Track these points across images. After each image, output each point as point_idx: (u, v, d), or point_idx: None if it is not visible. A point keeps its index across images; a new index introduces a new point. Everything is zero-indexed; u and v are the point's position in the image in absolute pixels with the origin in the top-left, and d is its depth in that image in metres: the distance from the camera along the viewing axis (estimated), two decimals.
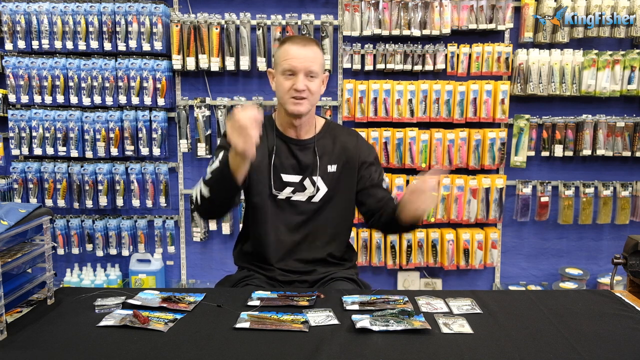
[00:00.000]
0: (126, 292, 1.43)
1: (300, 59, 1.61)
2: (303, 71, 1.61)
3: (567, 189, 3.26)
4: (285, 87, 1.63)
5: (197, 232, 3.34)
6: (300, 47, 1.62)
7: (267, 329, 1.22)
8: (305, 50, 1.62)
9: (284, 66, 1.62)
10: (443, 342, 1.16)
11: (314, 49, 1.65)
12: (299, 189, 1.71)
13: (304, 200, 1.72)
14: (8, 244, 1.24)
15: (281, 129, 1.74)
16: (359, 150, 1.77)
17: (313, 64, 1.62)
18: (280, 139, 1.73)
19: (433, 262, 3.28)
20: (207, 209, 1.61)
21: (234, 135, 1.39)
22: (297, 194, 1.72)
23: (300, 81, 1.61)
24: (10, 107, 3.23)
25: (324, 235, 1.74)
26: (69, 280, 3.27)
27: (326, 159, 1.73)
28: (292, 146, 1.73)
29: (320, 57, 1.67)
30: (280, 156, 1.72)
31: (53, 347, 1.15)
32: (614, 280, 1.68)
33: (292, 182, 1.71)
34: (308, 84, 1.62)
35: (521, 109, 3.27)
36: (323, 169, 1.73)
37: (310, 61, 1.62)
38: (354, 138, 1.80)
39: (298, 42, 1.64)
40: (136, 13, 3.11)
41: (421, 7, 3.07)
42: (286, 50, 1.63)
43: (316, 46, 1.67)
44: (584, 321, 1.29)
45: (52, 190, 3.26)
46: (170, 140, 3.34)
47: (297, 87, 1.61)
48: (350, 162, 1.75)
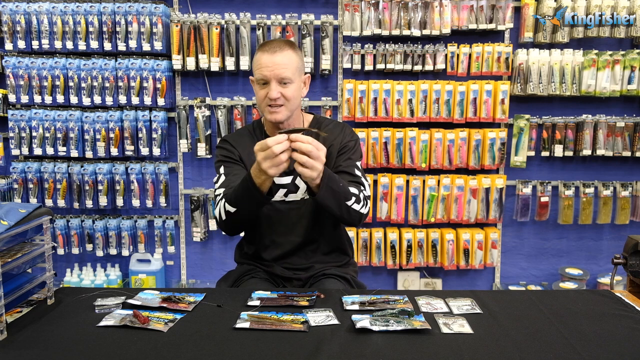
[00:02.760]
0: (126, 292, 1.43)
1: (270, 67, 1.58)
2: (274, 79, 1.59)
3: (567, 189, 3.26)
4: (261, 96, 1.63)
5: (197, 232, 3.34)
6: (270, 55, 1.59)
7: (267, 329, 1.22)
8: (274, 57, 1.59)
9: (257, 75, 1.61)
10: (443, 342, 1.16)
11: (285, 53, 1.60)
12: (292, 189, 1.71)
13: (298, 200, 1.72)
14: (8, 244, 1.24)
15: (269, 133, 1.74)
16: (342, 136, 1.73)
17: (285, 71, 1.59)
18: None
19: (433, 262, 3.28)
20: (235, 223, 1.62)
21: (266, 163, 1.39)
22: (290, 195, 1.72)
23: (273, 89, 1.59)
24: (10, 107, 3.23)
25: (319, 231, 1.75)
26: (69, 280, 3.27)
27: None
28: None
29: (293, 60, 1.62)
30: None
31: (53, 347, 1.15)
32: (614, 280, 1.68)
33: (284, 184, 1.70)
34: (282, 90, 1.60)
35: (521, 109, 3.27)
36: None
37: (282, 68, 1.58)
38: (339, 128, 1.76)
39: (268, 49, 1.60)
40: (136, 13, 3.11)
41: (421, 7, 3.07)
42: (258, 59, 1.61)
43: (289, 49, 1.62)
44: (584, 321, 1.29)
45: (52, 190, 3.26)
46: (170, 140, 3.34)
47: (271, 96, 1.59)
48: (333, 151, 1.71)
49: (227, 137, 1.79)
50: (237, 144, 1.74)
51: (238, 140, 1.75)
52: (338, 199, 1.53)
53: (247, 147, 1.69)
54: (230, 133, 1.89)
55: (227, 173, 1.68)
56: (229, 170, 1.69)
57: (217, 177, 1.69)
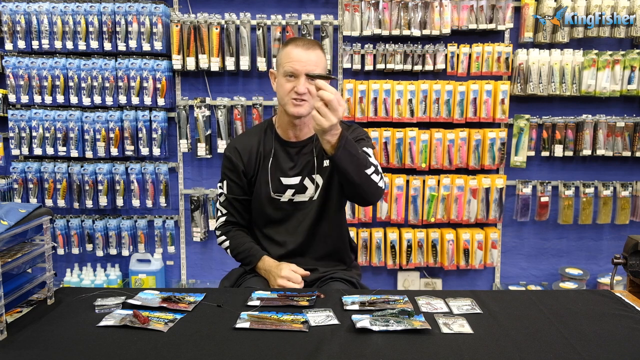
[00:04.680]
0: (126, 292, 1.43)
1: (302, 62, 1.61)
2: (304, 74, 1.61)
3: (567, 189, 3.26)
4: (286, 89, 1.64)
5: (197, 232, 3.34)
6: (303, 50, 1.63)
7: (267, 329, 1.22)
8: (307, 54, 1.62)
9: (286, 68, 1.63)
10: (443, 342, 1.16)
11: (316, 52, 1.65)
12: (300, 190, 1.73)
13: (306, 201, 1.73)
14: (8, 244, 1.24)
15: (280, 132, 1.76)
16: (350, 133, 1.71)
17: (315, 68, 1.62)
18: (278, 142, 1.75)
19: (433, 262, 3.28)
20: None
21: (282, 282, 1.62)
22: (298, 196, 1.73)
23: (302, 84, 1.61)
24: (10, 107, 3.23)
25: (324, 233, 1.75)
26: (69, 280, 3.27)
27: (322, 155, 1.73)
28: (290, 149, 1.75)
29: (322, 60, 1.67)
30: (278, 160, 1.74)
31: (53, 347, 1.15)
32: (614, 280, 1.68)
33: (293, 185, 1.73)
34: (309, 86, 1.62)
35: (521, 109, 3.27)
36: (319, 166, 1.74)
37: (313, 65, 1.62)
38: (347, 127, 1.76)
39: (301, 45, 1.64)
40: (136, 13, 3.11)
41: (421, 7, 3.07)
42: (288, 52, 1.64)
43: (319, 49, 1.67)
44: (584, 321, 1.29)
45: (52, 190, 3.26)
46: (170, 140, 3.34)
47: (298, 90, 1.61)
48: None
49: (236, 141, 1.80)
50: (243, 149, 1.76)
51: (245, 145, 1.77)
52: (357, 164, 1.48)
53: (253, 150, 1.75)
54: (241, 134, 1.89)
55: (230, 194, 1.80)
56: (231, 190, 1.79)
57: (221, 193, 1.82)
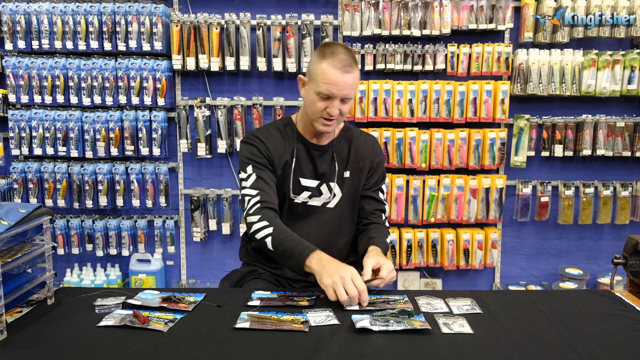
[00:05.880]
0: (126, 292, 1.43)
1: (340, 86, 1.55)
2: (339, 97, 1.58)
3: (567, 189, 3.26)
4: (319, 108, 1.59)
5: (197, 232, 3.34)
6: (341, 73, 1.54)
7: (267, 329, 1.22)
8: (345, 77, 1.55)
9: (322, 90, 1.56)
10: (443, 342, 1.16)
11: (354, 74, 1.58)
12: (316, 194, 1.72)
13: (319, 206, 1.73)
14: (8, 244, 1.24)
15: (302, 133, 1.73)
16: (373, 154, 1.78)
17: (351, 92, 1.58)
18: (300, 142, 1.72)
19: (433, 262, 3.28)
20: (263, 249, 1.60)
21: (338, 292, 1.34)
22: (313, 199, 1.73)
23: (336, 107, 1.58)
24: (10, 107, 3.23)
25: (335, 240, 1.75)
26: (69, 280, 3.27)
27: (342, 165, 1.74)
28: (312, 151, 1.72)
29: (357, 79, 1.61)
30: (300, 160, 1.71)
31: (53, 347, 1.15)
32: (614, 280, 1.68)
33: (310, 187, 1.72)
34: (342, 107, 1.60)
35: (521, 109, 3.27)
36: (340, 175, 1.74)
37: (349, 89, 1.57)
38: (369, 143, 1.80)
39: (339, 66, 1.55)
40: (136, 13, 3.11)
41: (421, 7, 3.07)
42: (325, 71, 1.55)
43: (356, 68, 1.59)
44: (584, 321, 1.29)
45: (52, 190, 3.26)
46: (170, 140, 3.34)
47: (331, 113, 1.58)
48: (364, 167, 1.76)
49: (256, 132, 1.73)
50: (267, 139, 1.70)
51: (268, 137, 1.71)
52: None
53: (276, 144, 1.69)
54: (257, 128, 1.86)
55: (259, 175, 1.64)
56: (260, 173, 1.65)
57: (247, 176, 1.64)
